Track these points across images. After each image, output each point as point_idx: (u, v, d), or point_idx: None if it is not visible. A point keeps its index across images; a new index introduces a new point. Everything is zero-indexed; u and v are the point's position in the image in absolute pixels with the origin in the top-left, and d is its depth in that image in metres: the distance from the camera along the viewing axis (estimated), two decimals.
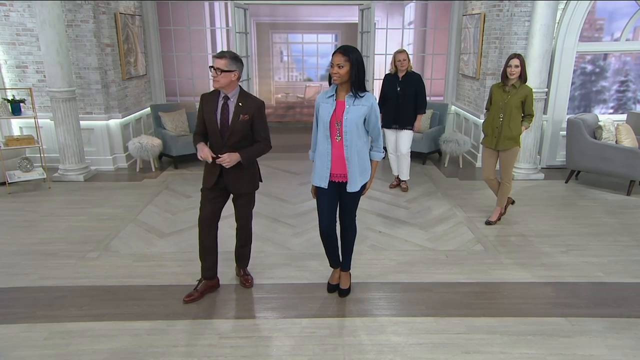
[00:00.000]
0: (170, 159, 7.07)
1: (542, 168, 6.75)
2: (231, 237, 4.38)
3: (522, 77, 4.50)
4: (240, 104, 3.23)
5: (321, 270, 3.93)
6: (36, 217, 5.05)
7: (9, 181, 5.76)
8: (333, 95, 3.13)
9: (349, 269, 3.59)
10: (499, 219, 4.94)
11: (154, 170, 6.78)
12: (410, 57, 5.71)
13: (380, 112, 5.75)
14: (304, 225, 4.86)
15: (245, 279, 3.71)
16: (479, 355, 2.92)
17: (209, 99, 3.30)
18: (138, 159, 6.81)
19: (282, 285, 3.71)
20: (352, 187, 3.19)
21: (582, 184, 6.22)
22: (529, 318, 3.29)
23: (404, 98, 5.57)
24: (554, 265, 4.07)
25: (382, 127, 5.60)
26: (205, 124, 3.30)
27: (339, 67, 2.99)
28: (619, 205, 5.47)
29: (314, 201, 3.40)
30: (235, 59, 3.17)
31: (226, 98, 3.24)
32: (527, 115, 4.62)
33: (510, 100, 4.51)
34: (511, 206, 5.19)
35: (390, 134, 5.80)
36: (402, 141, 5.77)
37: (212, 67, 3.13)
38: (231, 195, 3.53)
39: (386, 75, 5.79)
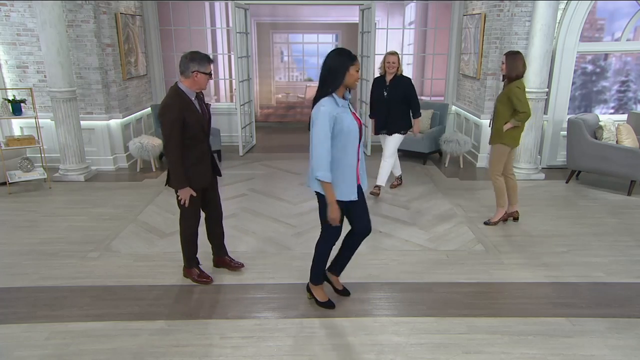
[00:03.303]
0: None
1: (542, 168, 6.75)
2: (232, 237, 4.39)
3: (507, 74, 4.45)
4: (200, 96, 3.45)
5: None
6: (37, 217, 5.05)
7: (10, 181, 5.77)
8: (346, 103, 3.01)
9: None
10: (497, 222, 4.87)
11: (154, 170, 6.79)
12: (411, 58, 5.68)
13: (370, 117, 5.69)
14: (304, 225, 4.85)
15: (237, 264, 3.91)
16: (480, 355, 2.92)
17: (180, 102, 3.24)
18: (139, 159, 6.81)
19: (282, 285, 3.71)
20: (364, 184, 3.23)
21: (583, 184, 6.22)
22: (530, 318, 3.29)
23: (391, 102, 5.32)
24: (554, 265, 4.06)
25: (374, 133, 5.68)
26: (184, 130, 3.25)
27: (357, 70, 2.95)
28: (619, 205, 5.47)
29: (315, 201, 3.37)
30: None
31: (197, 95, 3.38)
32: (515, 112, 4.47)
33: (499, 98, 4.58)
34: (513, 221, 4.98)
35: (381, 139, 5.64)
36: (387, 143, 5.51)
37: (210, 73, 3.30)
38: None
39: (375, 78, 5.62)
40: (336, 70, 2.89)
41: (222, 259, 3.92)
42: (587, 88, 7.34)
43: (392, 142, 5.49)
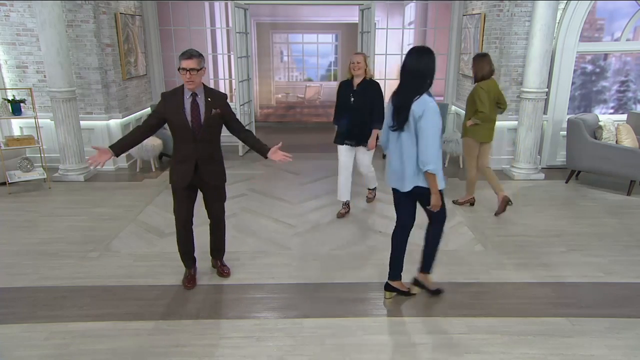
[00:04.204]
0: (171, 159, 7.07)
1: (542, 168, 6.75)
2: (232, 237, 4.39)
3: (474, 75, 5.00)
4: (209, 99, 3.33)
5: (321, 270, 3.93)
6: (36, 217, 5.05)
7: (10, 181, 5.76)
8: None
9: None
10: (465, 203, 5.42)
11: (154, 170, 6.79)
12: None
13: (335, 124, 4.99)
14: (304, 225, 4.85)
15: (222, 269, 3.84)
16: (480, 355, 2.92)
17: (172, 98, 3.33)
18: (138, 159, 6.81)
19: (282, 285, 3.71)
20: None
21: (583, 184, 6.22)
22: (529, 318, 3.29)
23: (358, 110, 4.68)
24: (554, 265, 4.07)
25: (335, 142, 4.95)
26: (158, 120, 3.35)
27: None
28: (619, 205, 5.47)
29: (314, 201, 3.40)
30: (201, 55, 3.26)
31: (194, 95, 3.30)
32: (476, 110, 4.92)
33: (468, 97, 5.10)
34: (508, 207, 5.13)
35: (344, 151, 4.93)
36: (361, 157, 4.96)
37: (184, 69, 3.17)
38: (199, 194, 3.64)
39: (341, 82, 4.94)
40: (433, 69, 3.12)
41: (214, 261, 3.93)
42: (587, 88, 7.34)
43: (367, 156, 4.97)
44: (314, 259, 4.13)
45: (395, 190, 3.34)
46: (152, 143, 6.61)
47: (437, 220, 3.38)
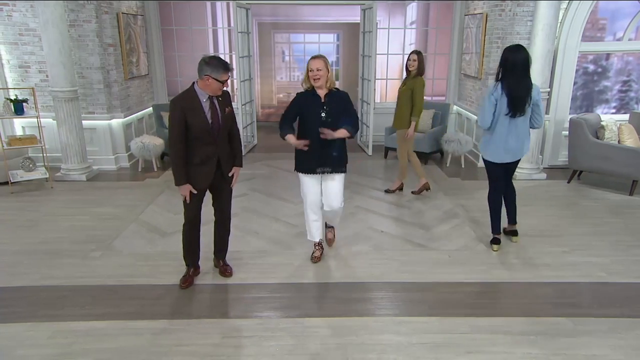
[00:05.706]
0: None
1: (544, 168, 6.74)
2: (233, 237, 4.39)
3: (418, 70, 5.31)
4: (220, 98, 3.39)
5: (322, 270, 3.93)
6: (38, 217, 5.06)
7: (12, 181, 5.78)
8: None
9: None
10: (395, 191, 5.83)
11: (156, 169, 6.79)
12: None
13: (282, 137, 3.85)
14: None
15: (225, 269, 3.85)
16: (482, 355, 2.92)
17: (188, 104, 3.29)
18: (140, 159, 6.82)
19: (284, 285, 3.71)
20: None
21: (585, 184, 6.21)
22: (531, 318, 3.28)
23: (331, 127, 3.66)
24: (556, 265, 4.06)
25: (299, 171, 3.99)
26: (186, 129, 3.31)
27: None
28: (621, 205, 5.46)
29: None
30: None
31: (211, 97, 3.34)
32: (413, 106, 5.34)
33: (404, 89, 5.39)
34: (426, 192, 5.76)
35: (311, 181, 3.94)
36: (333, 190, 3.94)
37: (224, 81, 3.27)
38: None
39: (300, 95, 3.81)
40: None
41: (216, 261, 3.94)
42: (589, 88, 7.32)
43: (341, 185, 3.99)
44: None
45: (499, 165, 4.12)
46: (154, 143, 6.62)
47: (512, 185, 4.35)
